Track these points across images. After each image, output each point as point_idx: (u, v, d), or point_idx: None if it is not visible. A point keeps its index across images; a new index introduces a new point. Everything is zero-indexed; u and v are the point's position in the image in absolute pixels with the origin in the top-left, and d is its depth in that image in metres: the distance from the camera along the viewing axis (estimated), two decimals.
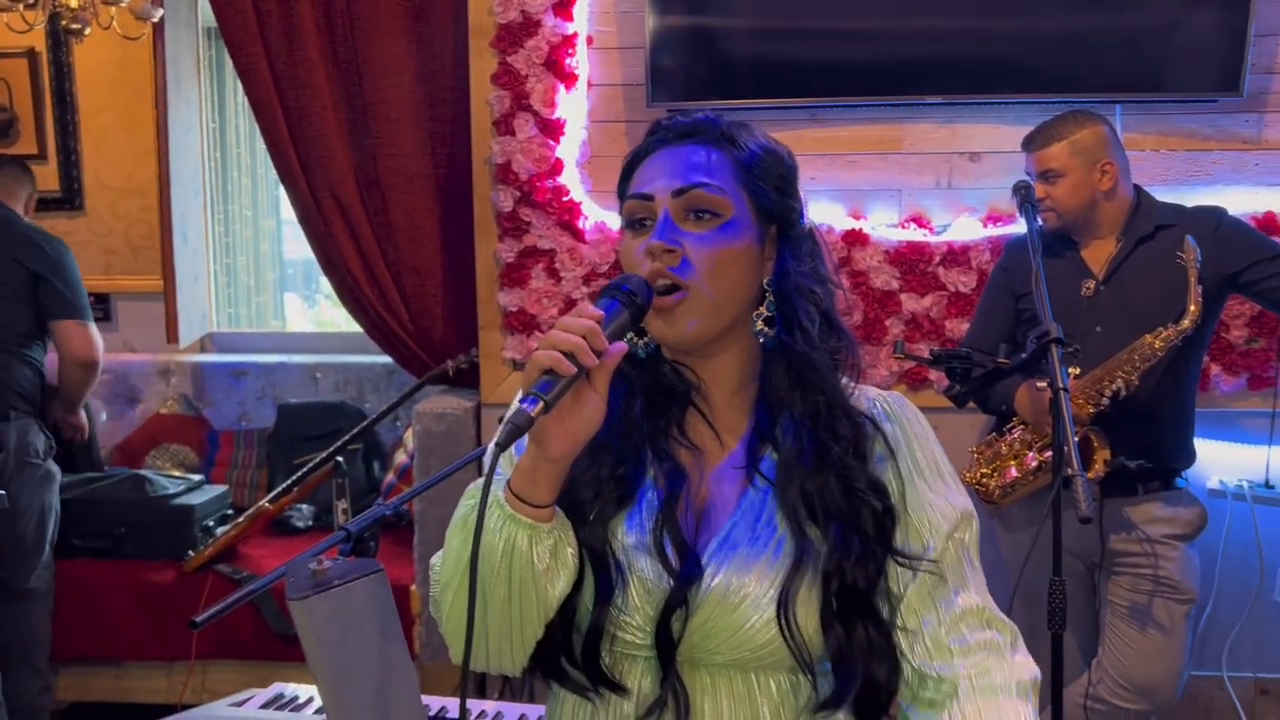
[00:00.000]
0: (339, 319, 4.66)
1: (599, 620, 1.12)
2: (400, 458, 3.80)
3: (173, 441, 4.03)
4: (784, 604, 1.09)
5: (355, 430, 3.50)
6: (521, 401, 1.00)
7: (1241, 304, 2.88)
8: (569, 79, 3.07)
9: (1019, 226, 2.99)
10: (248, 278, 4.45)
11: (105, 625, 3.33)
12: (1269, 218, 2.94)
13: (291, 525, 3.69)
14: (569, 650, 1.14)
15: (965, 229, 3.05)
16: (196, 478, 3.65)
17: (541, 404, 0.99)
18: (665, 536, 1.12)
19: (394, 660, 1.46)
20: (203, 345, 4.29)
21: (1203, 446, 2.69)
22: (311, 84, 3.27)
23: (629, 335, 1.18)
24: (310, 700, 2.10)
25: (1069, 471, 1.96)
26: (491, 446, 1.03)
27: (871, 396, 1.23)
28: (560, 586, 1.10)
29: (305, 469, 3.47)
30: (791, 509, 1.12)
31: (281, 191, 4.43)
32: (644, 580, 1.12)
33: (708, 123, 1.19)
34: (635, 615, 1.12)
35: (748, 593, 1.11)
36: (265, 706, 2.04)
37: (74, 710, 3.44)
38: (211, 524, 3.51)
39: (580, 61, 3.09)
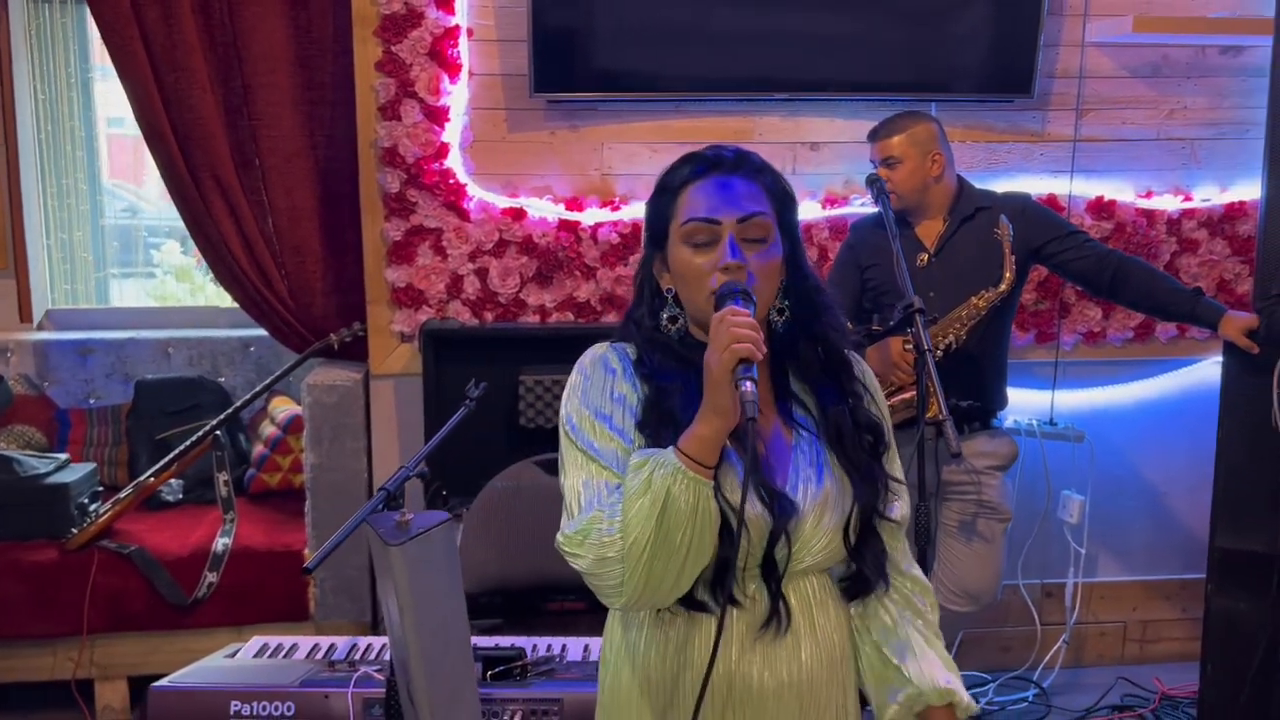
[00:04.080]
0: (181, 294, 4.65)
1: (727, 555, 1.39)
2: (269, 429, 3.90)
3: (18, 422, 3.96)
4: (847, 524, 1.47)
5: (245, 399, 3.62)
6: (743, 385, 1.29)
7: (1031, 271, 3.43)
8: (453, 69, 3.28)
9: (853, 208, 3.48)
10: (84, 253, 4.38)
11: None
12: (1051, 199, 3.52)
13: (162, 499, 3.74)
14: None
15: (807, 210, 3.47)
16: (63, 456, 3.63)
17: (752, 383, 1.29)
18: (761, 487, 1.43)
19: (456, 592, 1.75)
20: (40, 323, 4.21)
21: None
22: (190, 67, 3.33)
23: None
24: (295, 647, 2.29)
25: (940, 416, 2.40)
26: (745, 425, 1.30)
27: None
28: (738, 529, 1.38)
29: (188, 442, 3.54)
30: (840, 453, 1.49)
31: (104, 161, 4.41)
32: (754, 521, 1.42)
33: (744, 155, 1.50)
34: (752, 548, 1.43)
35: (824, 514, 1.46)
36: (256, 656, 2.23)
37: None
38: (86, 501, 3.53)
39: (462, 52, 3.30)
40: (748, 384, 1.29)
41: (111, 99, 4.37)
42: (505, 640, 2.26)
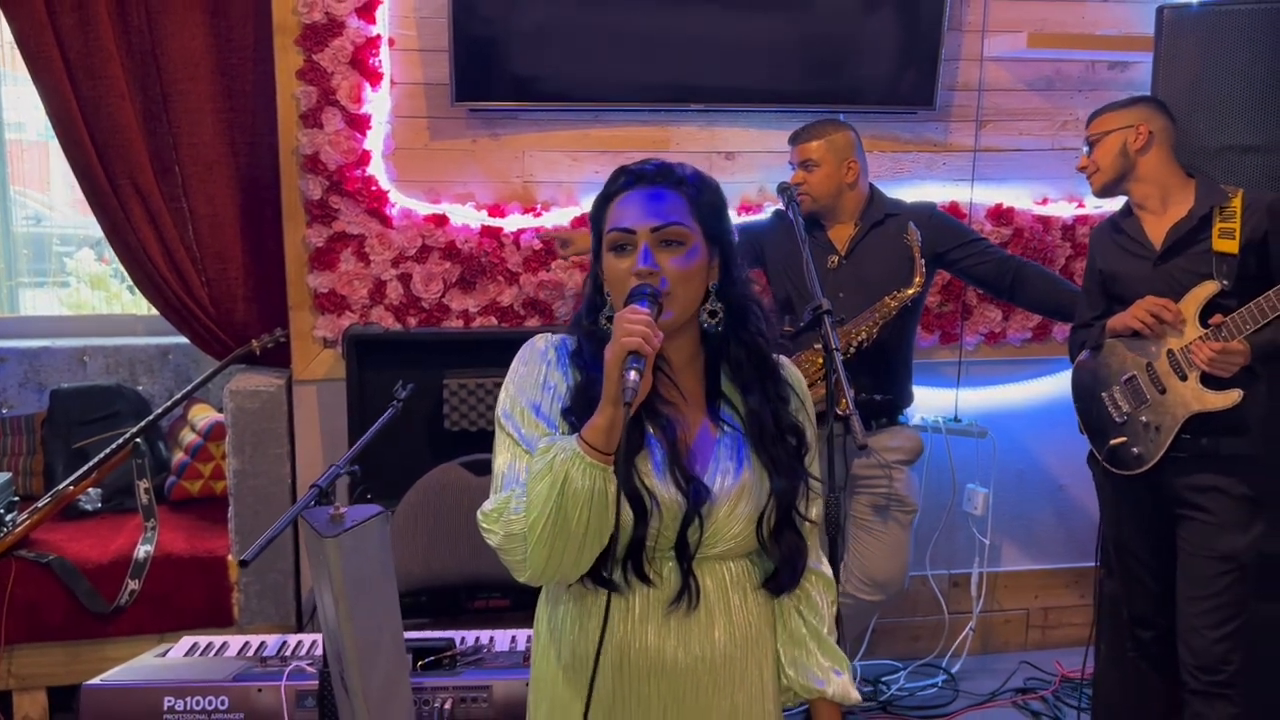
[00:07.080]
0: (96, 302, 4.60)
1: (640, 535, 1.50)
2: (190, 437, 3.89)
3: None
4: (762, 515, 1.57)
5: (166, 405, 3.61)
6: (627, 373, 1.38)
7: (935, 275, 3.59)
8: (375, 77, 3.33)
9: (765, 216, 3.59)
10: None
11: None
12: (953, 206, 3.68)
13: (80, 508, 3.71)
14: (607, 557, 1.50)
15: None
16: None
17: (636, 373, 1.38)
18: (678, 472, 1.54)
19: (389, 583, 1.81)
20: None
21: None
22: (107, 74, 3.32)
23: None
24: (225, 645, 2.32)
25: (849, 411, 2.52)
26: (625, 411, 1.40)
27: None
28: (617, 512, 1.46)
29: (107, 450, 3.52)
30: (760, 449, 1.59)
31: (11, 167, 4.35)
32: (668, 504, 1.52)
33: (667, 169, 1.60)
34: (664, 529, 1.53)
35: (738, 502, 1.56)
36: (187, 655, 2.25)
37: None
38: (2, 511, 3.48)
39: (384, 61, 3.35)
40: (631, 373, 1.39)
41: (13, 104, 4.32)
42: (434, 632, 2.32)
